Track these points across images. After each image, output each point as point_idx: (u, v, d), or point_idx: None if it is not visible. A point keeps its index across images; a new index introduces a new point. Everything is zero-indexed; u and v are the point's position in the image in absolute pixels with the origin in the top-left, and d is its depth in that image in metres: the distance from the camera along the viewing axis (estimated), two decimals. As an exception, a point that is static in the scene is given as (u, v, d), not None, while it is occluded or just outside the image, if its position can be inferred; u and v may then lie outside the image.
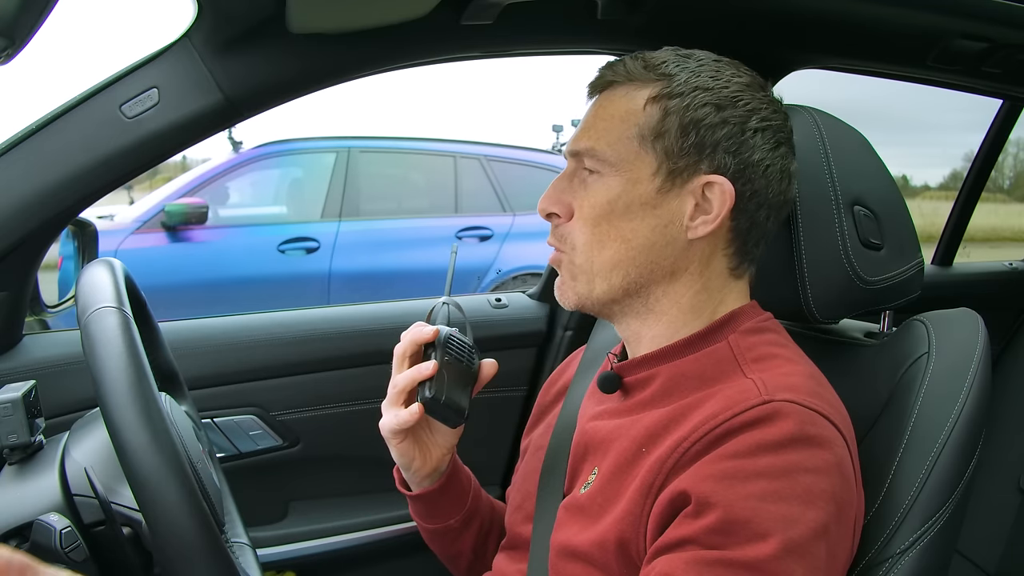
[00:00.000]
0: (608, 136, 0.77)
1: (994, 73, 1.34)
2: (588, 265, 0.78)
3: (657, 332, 0.80)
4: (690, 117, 0.75)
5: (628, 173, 0.76)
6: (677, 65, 0.77)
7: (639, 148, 0.76)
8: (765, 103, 0.78)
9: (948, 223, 2.14)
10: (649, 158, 0.76)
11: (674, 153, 0.75)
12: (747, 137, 0.75)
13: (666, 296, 0.78)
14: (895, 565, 0.74)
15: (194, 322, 1.35)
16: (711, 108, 0.75)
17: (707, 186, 0.75)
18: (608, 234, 0.76)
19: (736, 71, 0.78)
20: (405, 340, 0.85)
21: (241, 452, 1.33)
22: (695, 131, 0.75)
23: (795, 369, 0.74)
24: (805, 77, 1.32)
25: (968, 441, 0.76)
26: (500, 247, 4.59)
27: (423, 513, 0.94)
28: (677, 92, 0.75)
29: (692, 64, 0.77)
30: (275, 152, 4.54)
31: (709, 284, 0.79)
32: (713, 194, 0.75)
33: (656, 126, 0.75)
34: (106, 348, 0.66)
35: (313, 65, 1.06)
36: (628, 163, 0.76)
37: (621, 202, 0.76)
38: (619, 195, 0.76)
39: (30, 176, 1.01)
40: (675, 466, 0.69)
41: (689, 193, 0.75)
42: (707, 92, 0.75)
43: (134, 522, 0.73)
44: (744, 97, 0.76)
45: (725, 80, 0.76)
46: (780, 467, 0.65)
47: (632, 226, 0.76)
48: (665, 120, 0.75)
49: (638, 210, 0.76)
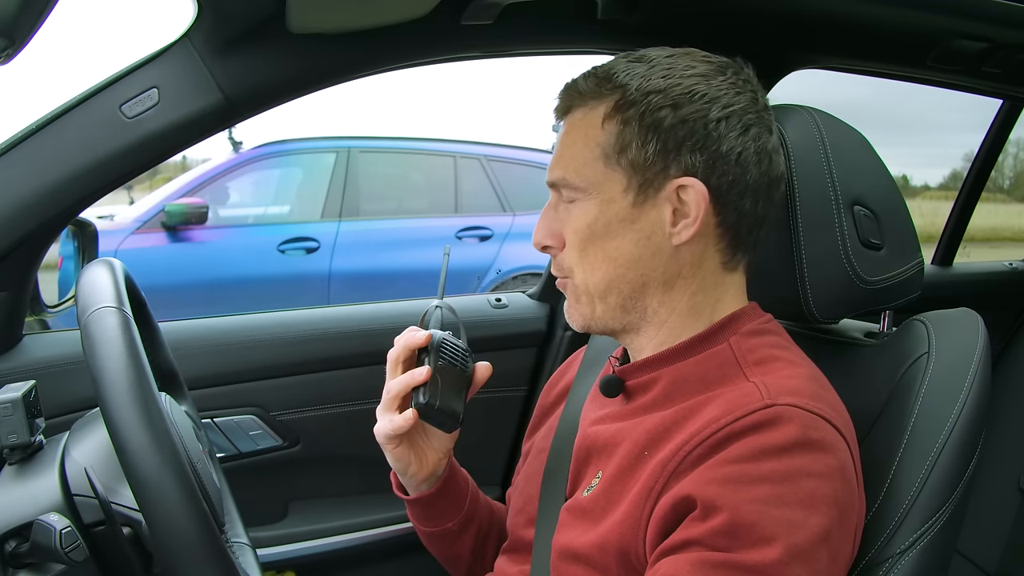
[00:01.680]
0: (575, 163, 0.77)
1: (994, 73, 1.34)
2: (584, 288, 0.78)
3: (659, 340, 0.79)
4: (648, 123, 0.73)
5: (600, 195, 0.75)
6: (627, 73, 0.75)
7: (605, 168, 0.75)
8: (724, 89, 0.75)
9: (948, 223, 2.14)
10: (617, 175, 0.75)
11: (640, 165, 0.74)
12: (711, 130, 0.73)
13: (663, 306, 0.78)
14: (895, 565, 0.74)
15: (194, 322, 1.35)
16: (668, 110, 0.73)
17: (680, 189, 0.74)
18: (596, 256, 0.76)
19: (690, 62, 0.76)
20: (398, 345, 0.85)
21: (241, 452, 1.33)
22: (655, 137, 0.73)
23: (797, 372, 0.74)
24: (805, 77, 1.32)
25: (968, 441, 0.76)
26: (500, 247, 4.59)
27: (421, 517, 0.94)
28: (631, 101, 0.74)
29: (642, 68, 0.75)
30: (275, 152, 4.54)
31: (704, 283, 0.78)
32: (688, 196, 0.74)
33: (616, 142, 0.75)
34: (106, 348, 0.66)
35: (313, 65, 1.06)
36: (598, 185, 0.75)
37: (600, 224, 0.76)
38: (596, 217, 0.76)
39: (30, 176, 1.01)
40: (676, 470, 0.68)
41: (664, 200, 0.74)
42: (660, 94, 0.73)
43: (134, 522, 0.73)
44: (699, 88, 0.74)
45: (677, 76, 0.74)
46: (783, 472, 0.65)
47: (615, 244, 0.76)
48: (624, 133, 0.74)
49: (618, 228, 0.75)
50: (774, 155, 0.78)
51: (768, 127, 0.78)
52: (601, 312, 0.79)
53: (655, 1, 1.11)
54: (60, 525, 0.68)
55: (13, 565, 0.71)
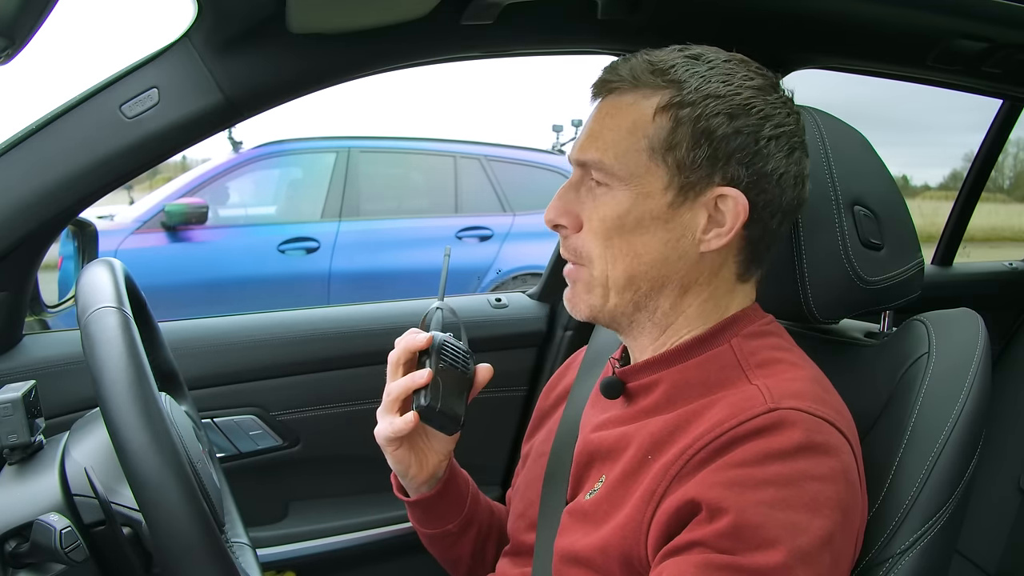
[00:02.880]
0: (616, 148, 0.74)
1: (994, 73, 1.34)
2: (604, 279, 0.76)
3: (661, 341, 0.79)
4: (702, 128, 0.72)
5: (638, 187, 0.73)
6: (686, 69, 0.73)
7: (649, 161, 0.73)
8: (778, 107, 0.75)
9: (948, 223, 2.14)
10: (660, 171, 0.73)
11: (686, 166, 0.72)
12: (761, 147, 0.73)
13: (673, 309, 0.77)
14: (895, 565, 0.74)
15: (194, 322, 1.35)
16: (724, 118, 0.72)
17: (720, 199, 0.73)
18: (620, 248, 0.74)
19: (747, 72, 0.75)
20: (399, 347, 0.85)
21: (241, 452, 1.33)
22: (707, 143, 0.72)
23: (800, 374, 0.73)
24: (805, 77, 1.32)
25: (968, 441, 0.76)
26: (500, 247, 4.59)
27: (421, 519, 0.94)
28: (688, 101, 0.72)
29: (702, 68, 0.74)
30: (275, 152, 4.54)
31: (716, 291, 0.78)
32: (726, 207, 0.73)
33: (667, 138, 0.72)
34: (106, 348, 0.66)
35: (313, 65, 1.06)
36: (638, 177, 0.73)
37: (632, 216, 0.73)
38: (629, 209, 0.73)
39: (30, 176, 1.01)
40: (679, 473, 0.68)
41: (702, 206, 0.73)
42: (719, 100, 0.72)
43: (134, 522, 0.73)
44: (757, 103, 0.73)
45: (737, 85, 0.73)
46: (788, 475, 0.65)
47: (644, 240, 0.74)
48: (676, 131, 0.72)
49: (650, 224, 0.73)
50: (807, 181, 0.78)
51: (806, 152, 0.78)
52: (613, 305, 0.77)
53: (656, 1, 1.11)
54: (60, 525, 0.68)
55: (13, 565, 0.70)
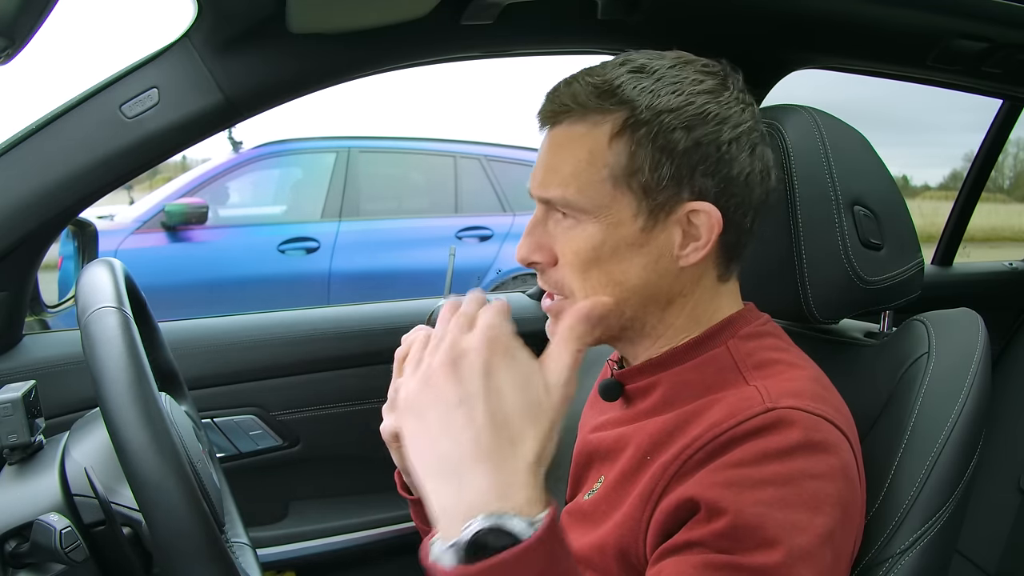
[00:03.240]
0: (577, 182, 0.71)
1: (994, 73, 1.34)
2: None
3: (654, 350, 0.79)
4: (661, 146, 0.70)
5: (608, 218, 0.71)
6: (634, 87, 0.70)
7: (614, 190, 0.71)
8: (732, 106, 0.72)
9: (948, 223, 2.14)
10: (627, 199, 0.71)
11: (652, 188, 0.70)
12: (723, 153, 0.71)
13: (660, 322, 0.77)
14: (895, 565, 0.74)
15: (194, 322, 1.35)
16: (681, 132, 0.70)
17: (692, 213, 0.71)
18: (599, 279, 0.73)
19: (695, 75, 0.72)
20: (406, 345, 0.85)
21: (241, 452, 1.33)
22: (669, 160, 0.70)
23: (798, 374, 0.73)
24: (805, 77, 1.32)
25: (968, 441, 0.76)
26: (500, 247, 4.59)
27: (424, 517, 0.94)
28: (642, 120, 0.70)
29: (649, 82, 0.71)
30: (275, 152, 4.54)
31: (701, 298, 0.77)
32: (700, 220, 0.72)
33: (627, 164, 0.70)
34: (106, 348, 0.66)
35: (313, 65, 1.06)
36: (605, 208, 0.71)
37: (607, 247, 0.72)
38: (604, 240, 0.72)
39: (30, 176, 1.01)
40: (677, 473, 0.68)
41: (675, 224, 0.72)
42: (673, 114, 0.70)
43: (134, 522, 0.73)
44: (711, 108, 0.71)
45: (688, 94, 0.71)
46: (787, 474, 0.65)
47: (622, 268, 0.73)
48: (635, 155, 0.70)
49: (626, 252, 0.72)
50: (772, 169, 0.77)
51: (766, 140, 0.77)
52: (599, 332, 0.76)
53: (655, 1, 1.11)
54: (60, 525, 0.68)
55: (13, 565, 0.71)
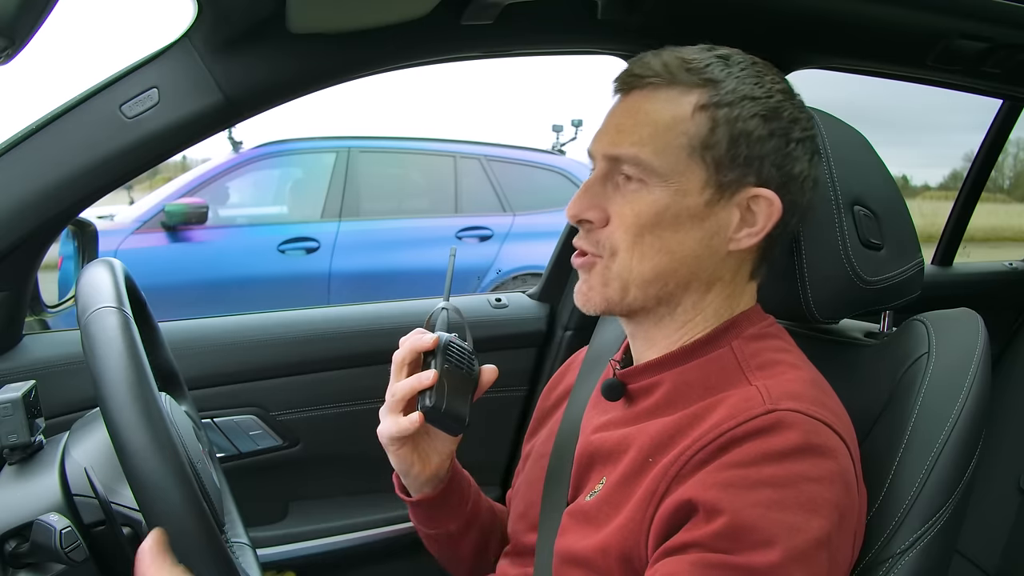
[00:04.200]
0: (654, 143, 0.73)
1: (994, 73, 1.34)
2: (626, 273, 0.75)
3: (671, 335, 0.79)
4: (740, 129, 0.72)
5: (677, 184, 0.73)
6: (721, 69, 0.74)
7: (688, 158, 0.73)
8: (802, 112, 0.76)
9: (948, 223, 2.14)
10: (699, 169, 0.73)
11: (724, 165, 0.73)
12: (791, 149, 0.74)
13: (695, 307, 0.78)
14: (895, 565, 0.74)
15: (194, 322, 1.35)
16: (759, 120, 0.73)
17: (753, 199, 0.74)
18: (652, 245, 0.73)
19: (774, 76, 0.76)
20: (404, 347, 0.84)
21: (241, 452, 1.33)
22: (745, 143, 0.72)
23: (799, 376, 0.74)
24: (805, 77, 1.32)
25: (968, 441, 0.76)
26: (500, 247, 4.59)
27: (423, 519, 0.94)
28: (726, 101, 0.72)
29: (735, 69, 0.74)
30: (275, 152, 4.54)
31: (734, 291, 0.78)
32: (759, 207, 0.74)
33: (706, 136, 0.72)
34: (106, 348, 0.66)
35: (313, 65, 1.06)
36: (678, 173, 0.72)
37: (670, 213, 0.73)
38: (667, 206, 0.73)
39: (30, 176, 1.01)
40: (678, 474, 0.69)
41: (735, 205, 0.74)
42: (754, 102, 0.73)
43: (134, 522, 0.73)
44: (787, 106, 0.74)
45: (768, 88, 0.74)
46: (784, 477, 0.65)
47: (678, 238, 0.73)
48: (715, 131, 0.72)
49: (686, 221, 0.73)
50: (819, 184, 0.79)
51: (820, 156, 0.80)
52: (632, 299, 0.76)
53: (655, 1, 1.11)
54: (60, 525, 0.68)
55: (13, 565, 0.71)
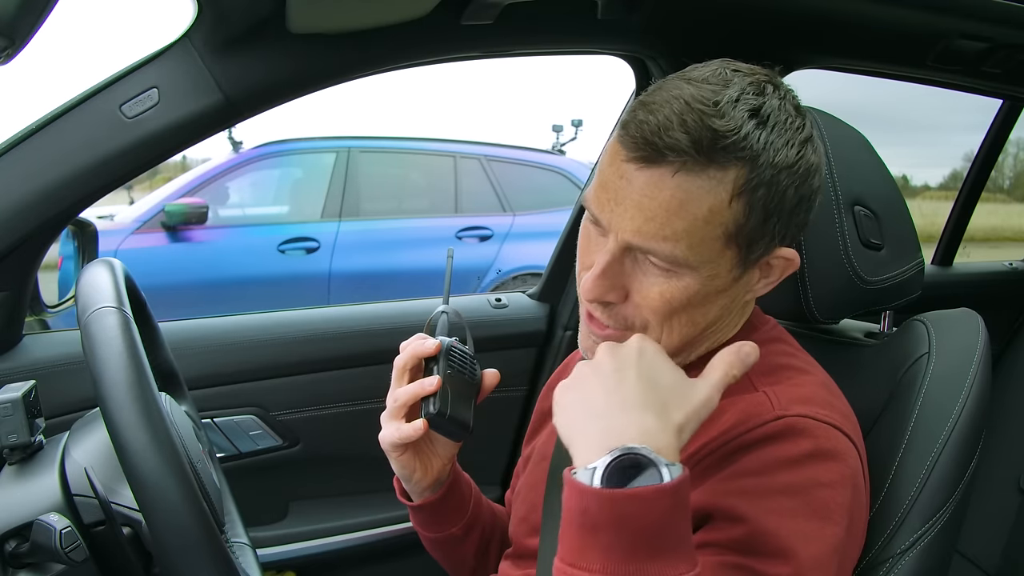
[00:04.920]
0: (689, 239, 0.67)
1: (994, 73, 1.34)
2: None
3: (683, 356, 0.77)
4: (774, 205, 0.68)
5: (708, 270, 0.69)
6: (757, 137, 0.66)
7: (724, 248, 0.69)
8: (818, 150, 0.72)
9: (948, 223, 2.14)
10: (731, 253, 0.69)
11: (755, 242, 0.70)
12: (812, 203, 0.72)
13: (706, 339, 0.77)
14: (896, 565, 0.74)
15: (194, 322, 1.35)
16: (792, 191, 0.69)
17: (774, 257, 0.72)
18: (680, 321, 0.71)
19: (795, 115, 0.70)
20: (406, 353, 0.83)
21: (241, 452, 1.33)
22: (776, 215, 0.69)
23: (807, 380, 0.73)
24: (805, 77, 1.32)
25: (968, 441, 0.76)
26: (500, 247, 4.59)
27: (424, 522, 0.94)
28: (763, 181, 0.67)
29: (766, 133, 0.67)
30: (275, 152, 4.54)
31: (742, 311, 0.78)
32: (777, 262, 0.73)
33: (742, 223, 0.68)
34: (106, 348, 0.66)
35: (313, 65, 1.06)
36: (711, 262, 0.69)
37: (699, 296, 0.70)
38: (698, 291, 0.69)
39: (30, 176, 1.01)
40: None
41: (758, 267, 0.73)
42: (787, 171, 0.68)
43: (134, 522, 0.73)
44: (812, 160, 0.70)
45: (798, 145, 0.69)
46: (798, 483, 0.65)
47: (704, 311, 0.72)
48: (751, 215, 0.68)
49: (714, 298, 0.72)
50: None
51: None
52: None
53: (655, 1, 1.11)
54: (60, 525, 0.68)
55: (13, 565, 0.71)
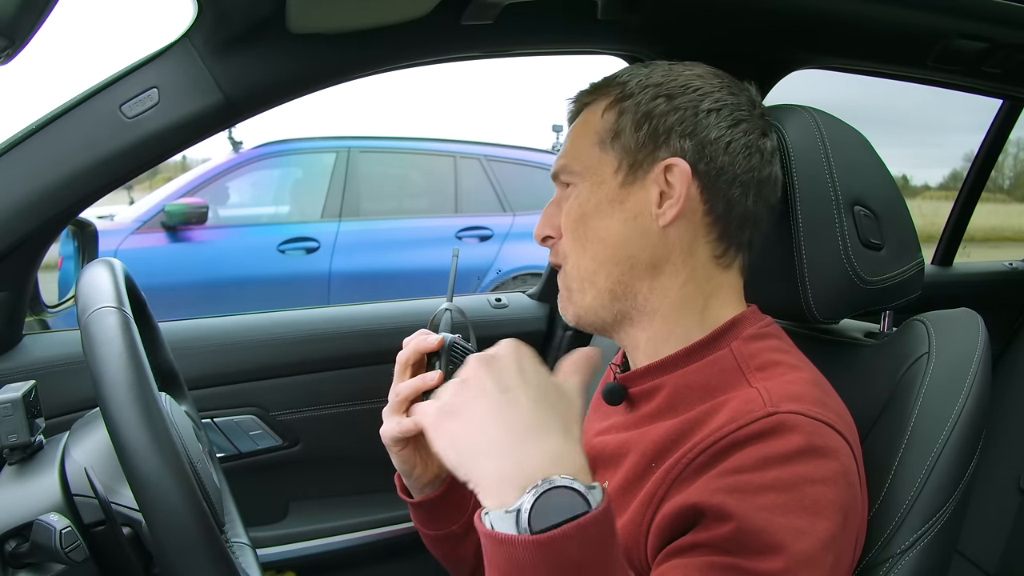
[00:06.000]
0: (574, 151, 0.82)
1: (994, 73, 1.34)
2: (576, 272, 0.81)
3: (652, 333, 0.79)
4: (642, 111, 0.78)
5: (593, 177, 0.80)
6: (629, 73, 0.82)
7: (600, 152, 0.80)
8: (717, 87, 0.79)
9: (948, 223, 2.14)
10: (609, 158, 0.79)
11: (632, 148, 0.78)
12: (700, 118, 0.77)
13: (653, 293, 0.79)
14: (895, 565, 0.74)
15: (194, 322, 1.35)
16: (662, 99, 0.78)
17: (667, 171, 0.77)
18: (586, 236, 0.79)
19: (690, 69, 0.81)
20: (408, 348, 0.84)
21: (241, 452, 1.33)
22: (647, 123, 0.78)
23: (799, 376, 0.73)
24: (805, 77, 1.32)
25: (968, 441, 0.76)
26: (500, 247, 4.59)
27: (425, 519, 0.94)
28: (629, 93, 0.80)
29: (645, 70, 0.82)
30: (275, 152, 4.54)
31: (695, 275, 0.79)
32: (673, 177, 0.77)
33: (612, 127, 0.79)
34: (106, 348, 0.66)
35: (313, 65, 1.06)
36: (592, 168, 0.80)
37: (591, 204, 0.79)
38: (588, 198, 0.80)
39: (30, 176, 1.01)
40: (678, 478, 0.68)
41: (652, 182, 0.77)
42: (657, 87, 0.79)
43: (134, 522, 0.73)
44: (694, 83, 0.79)
45: (675, 74, 0.80)
46: (788, 480, 0.65)
47: (605, 224, 0.78)
48: (620, 120, 0.79)
49: (607, 208, 0.79)
50: (766, 155, 0.80)
51: (762, 130, 0.80)
52: (592, 299, 0.80)
53: (655, 2, 1.11)
54: (60, 525, 0.68)
55: (13, 565, 0.71)
